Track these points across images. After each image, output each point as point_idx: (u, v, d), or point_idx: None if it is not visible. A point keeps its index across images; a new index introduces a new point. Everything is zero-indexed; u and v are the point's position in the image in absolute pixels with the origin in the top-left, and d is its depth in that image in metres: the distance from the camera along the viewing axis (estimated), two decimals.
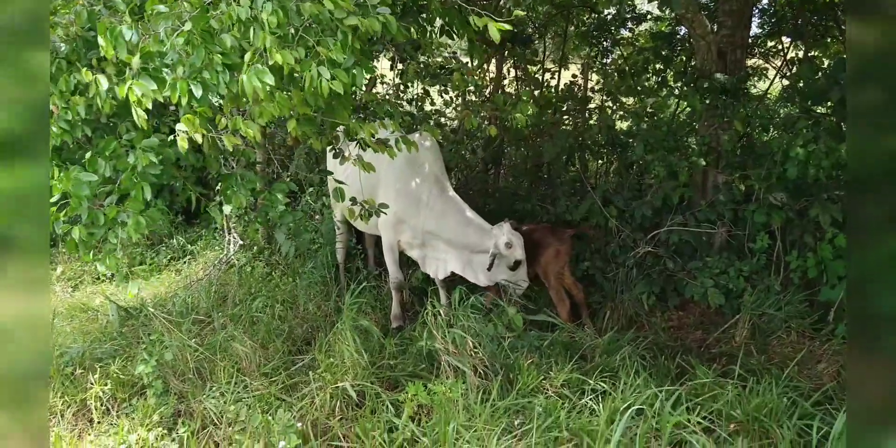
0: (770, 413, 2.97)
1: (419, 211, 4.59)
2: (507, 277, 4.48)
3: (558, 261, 4.55)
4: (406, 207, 4.58)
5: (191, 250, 6.76)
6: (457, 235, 4.51)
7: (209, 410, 3.62)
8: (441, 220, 4.55)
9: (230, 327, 4.45)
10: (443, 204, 4.57)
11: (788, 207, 4.67)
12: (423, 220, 4.59)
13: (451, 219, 4.54)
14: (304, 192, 6.95)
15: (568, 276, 4.66)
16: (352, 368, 3.71)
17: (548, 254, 4.57)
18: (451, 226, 4.53)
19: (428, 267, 4.78)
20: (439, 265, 4.71)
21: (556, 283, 4.60)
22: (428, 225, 4.59)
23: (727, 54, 5.35)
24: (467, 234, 4.48)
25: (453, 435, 3.02)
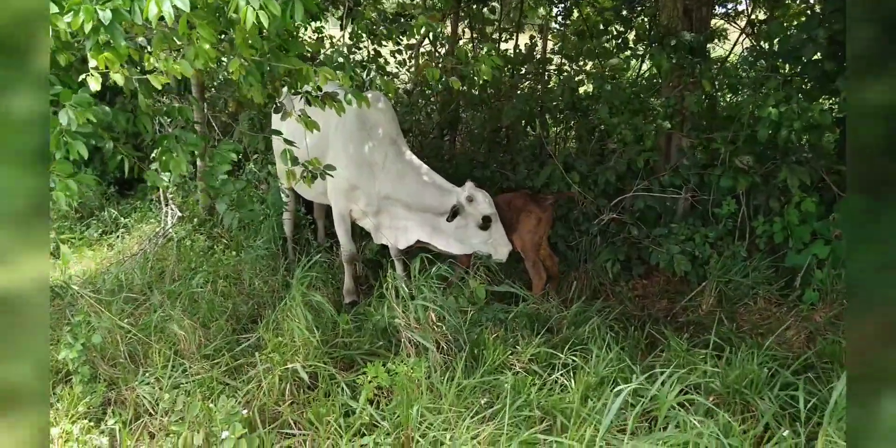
0: (750, 384, 2.81)
1: (375, 175, 4.25)
2: (482, 240, 4.11)
3: (539, 230, 4.26)
4: (360, 172, 4.23)
5: (124, 224, 6.28)
6: (416, 198, 4.18)
7: (143, 398, 3.27)
8: (399, 182, 4.21)
9: (167, 306, 4.07)
10: (400, 166, 4.23)
11: (755, 171, 4.53)
12: (380, 185, 4.25)
13: (409, 180, 4.20)
14: (249, 161, 6.54)
15: (545, 246, 4.41)
16: (303, 348, 3.40)
17: (528, 222, 4.24)
18: (410, 188, 4.18)
19: (384, 237, 4.44)
20: (399, 234, 4.38)
21: (534, 254, 4.30)
22: (385, 189, 4.25)
23: (693, 12, 5.15)
24: (427, 196, 4.14)
25: (417, 418, 2.76)
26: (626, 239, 4.79)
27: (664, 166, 5.12)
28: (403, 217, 4.31)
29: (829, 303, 3.84)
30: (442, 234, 4.21)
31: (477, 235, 4.10)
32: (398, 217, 4.32)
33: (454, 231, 4.13)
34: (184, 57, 2.56)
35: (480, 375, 3.07)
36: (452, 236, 4.17)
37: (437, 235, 4.23)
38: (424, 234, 4.26)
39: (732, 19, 6.53)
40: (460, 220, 4.07)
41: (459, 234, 4.13)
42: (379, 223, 4.38)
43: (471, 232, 4.10)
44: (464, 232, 4.11)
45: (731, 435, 2.40)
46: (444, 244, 4.22)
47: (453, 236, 4.16)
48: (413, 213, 4.25)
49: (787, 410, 2.73)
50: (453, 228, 4.11)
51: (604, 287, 4.55)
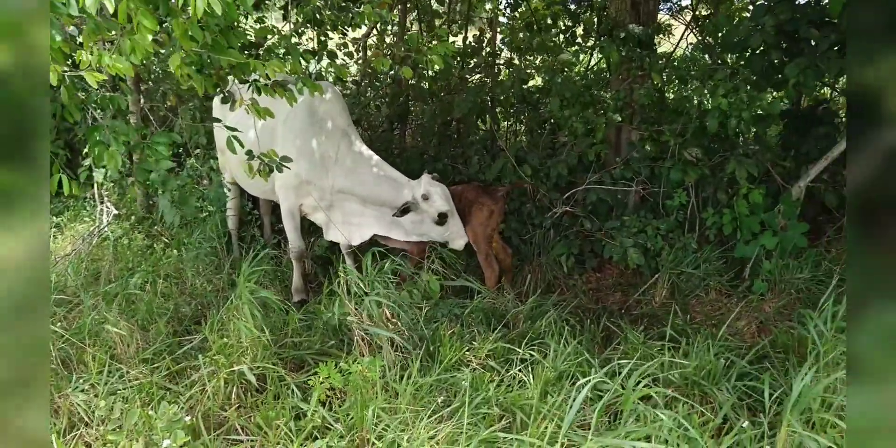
0: (708, 375, 2.80)
1: (327, 169, 4.09)
2: (439, 234, 4.04)
3: (491, 222, 4.20)
4: (310, 166, 4.07)
5: (56, 223, 5.94)
6: (372, 192, 4.06)
7: (77, 406, 3.06)
8: (353, 175, 4.07)
9: (102, 308, 3.84)
10: (353, 158, 4.09)
11: (703, 164, 4.57)
12: (333, 179, 4.10)
13: (363, 173, 4.07)
14: (190, 156, 6.28)
15: (497, 238, 4.35)
16: (250, 349, 3.24)
17: (480, 215, 4.18)
18: (364, 181, 4.06)
19: (336, 233, 4.29)
20: (353, 230, 4.24)
21: (486, 247, 4.24)
22: (339, 183, 4.10)
23: (640, 5, 5.16)
24: (383, 189, 4.03)
25: (373, 419, 2.65)
26: (579, 232, 4.77)
27: (614, 159, 5.13)
28: (359, 213, 4.18)
29: (777, 293, 3.89)
30: (400, 227, 4.12)
31: (433, 230, 4.04)
32: (353, 213, 4.19)
33: (411, 226, 4.05)
34: (118, 51, 2.38)
35: (437, 373, 2.97)
36: (413, 233, 4.10)
37: (396, 228, 4.13)
38: (382, 228, 4.15)
39: (678, 14, 6.60)
40: (415, 216, 3.99)
41: (416, 228, 4.06)
42: (331, 219, 4.24)
43: (427, 227, 4.04)
44: (420, 226, 4.04)
45: (691, 426, 2.37)
46: (404, 236, 4.14)
47: (413, 232, 4.09)
48: (369, 208, 4.14)
49: (745, 401, 2.74)
50: (409, 223, 4.03)
51: (558, 280, 4.52)
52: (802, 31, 4.23)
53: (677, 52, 6.55)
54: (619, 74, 5.15)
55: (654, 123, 4.98)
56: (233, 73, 2.92)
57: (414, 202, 3.92)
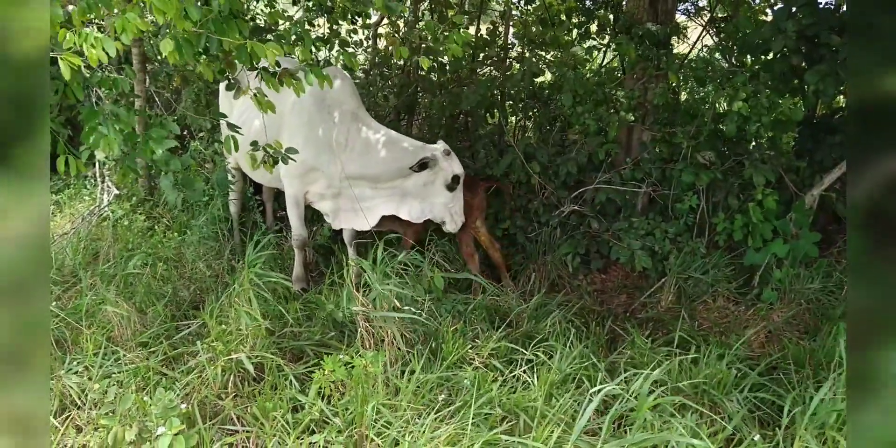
0: (718, 385, 2.74)
1: (336, 156, 4.01)
2: (444, 202, 3.96)
3: (471, 215, 4.16)
4: (318, 154, 3.98)
5: (56, 200, 5.86)
6: (387, 167, 3.94)
7: (70, 388, 3.00)
8: (367, 158, 3.97)
9: (100, 289, 3.77)
10: (365, 140, 4.00)
11: (716, 167, 4.50)
12: (345, 166, 4.00)
13: (378, 151, 3.96)
14: (194, 138, 6.20)
15: (484, 232, 4.29)
16: (250, 337, 3.17)
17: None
18: (379, 158, 3.95)
19: (344, 221, 4.20)
20: (363, 215, 4.14)
21: (464, 235, 4.24)
22: (350, 168, 4.00)
23: (658, 3, 5.08)
24: (400, 158, 3.92)
25: (373, 415, 2.59)
26: (586, 232, 4.71)
27: (624, 159, 5.06)
28: (369, 196, 4.09)
29: (787, 302, 3.83)
30: (408, 200, 4.05)
31: (441, 195, 3.95)
32: (363, 198, 4.10)
33: (421, 189, 3.95)
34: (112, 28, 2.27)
35: (441, 370, 2.91)
36: (418, 197, 4.01)
37: (404, 204, 4.06)
38: (391, 207, 4.08)
39: (696, 15, 6.51)
40: (429, 176, 3.90)
41: (425, 191, 3.96)
42: (338, 207, 4.16)
43: (437, 190, 3.94)
44: (430, 190, 3.94)
45: (698, 437, 2.31)
46: (408, 211, 4.06)
47: (419, 197, 4.01)
48: (380, 190, 4.05)
49: (755, 413, 2.68)
50: (421, 185, 3.93)
51: (562, 280, 4.45)
52: (823, 37, 4.16)
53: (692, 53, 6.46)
54: (634, 73, 5.07)
55: (666, 124, 4.91)
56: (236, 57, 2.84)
57: (433, 158, 3.83)
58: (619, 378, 2.57)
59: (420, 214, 4.05)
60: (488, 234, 4.35)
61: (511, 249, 4.65)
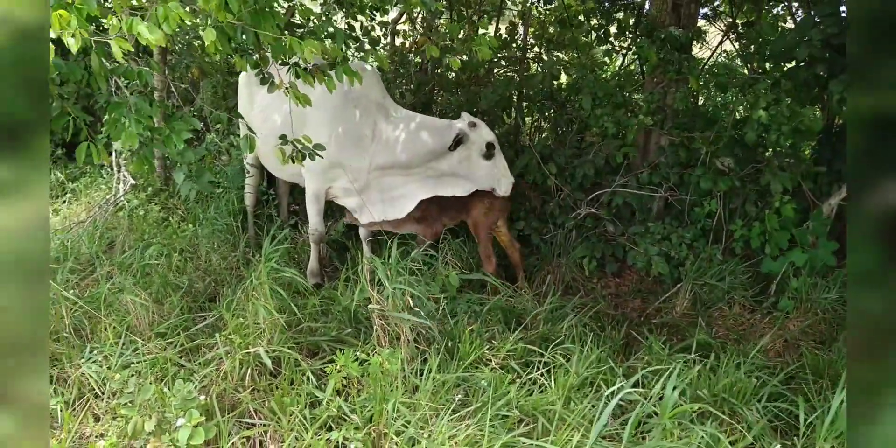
0: (738, 393, 2.73)
1: (364, 149, 3.99)
2: (487, 172, 3.94)
3: (490, 215, 4.16)
4: (343, 149, 3.98)
5: (72, 188, 5.88)
6: (417, 151, 3.94)
7: (89, 377, 3.01)
8: (395, 147, 3.97)
9: (118, 277, 3.79)
10: (392, 130, 3.99)
11: (734, 173, 4.48)
12: (373, 158, 4.00)
13: (406, 138, 3.95)
14: (210, 130, 6.21)
15: (505, 232, 4.29)
16: (268, 330, 3.18)
17: (481, 206, 4.17)
18: (408, 144, 3.95)
19: (373, 213, 4.17)
20: (395, 204, 4.13)
21: (485, 237, 4.23)
22: (379, 160, 4.00)
23: (681, 7, 5.06)
24: (428, 140, 3.92)
25: (393, 413, 2.59)
26: (601, 235, 4.70)
27: (642, 163, 5.05)
28: (400, 184, 4.09)
29: (803, 312, 3.82)
30: (446, 179, 4.04)
31: (481, 166, 3.93)
32: (394, 187, 4.10)
33: (458, 166, 3.94)
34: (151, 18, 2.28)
35: (459, 370, 2.91)
36: (457, 175, 3.99)
37: (441, 184, 4.06)
38: (428, 190, 4.07)
39: (717, 18, 6.48)
40: (463, 152, 3.90)
41: (464, 168, 3.94)
42: (366, 200, 4.14)
43: (475, 163, 3.92)
44: (468, 165, 3.92)
45: (719, 445, 2.31)
46: (451, 189, 4.05)
47: (458, 174, 3.99)
48: (412, 175, 4.05)
49: (773, 423, 2.67)
50: (457, 163, 3.92)
51: (577, 283, 4.45)
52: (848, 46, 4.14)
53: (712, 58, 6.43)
54: (654, 77, 5.06)
55: (685, 129, 4.89)
56: (270, 53, 2.84)
57: (464, 133, 3.83)
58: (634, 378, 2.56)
59: (465, 189, 4.03)
60: (509, 235, 4.35)
61: (525, 251, 4.65)
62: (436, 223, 4.26)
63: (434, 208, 4.20)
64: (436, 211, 4.23)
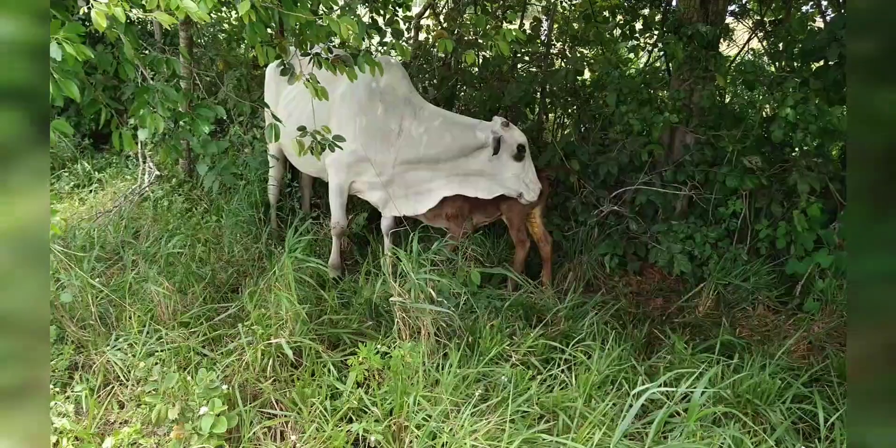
0: (762, 394, 2.71)
1: (390, 144, 3.99)
2: (515, 174, 3.89)
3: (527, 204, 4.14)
4: (369, 143, 3.98)
5: (98, 178, 5.96)
6: (446, 147, 3.92)
7: (114, 364, 3.06)
8: (423, 142, 3.95)
9: (143, 267, 3.83)
10: (420, 124, 3.97)
11: (762, 172, 4.42)
12: (397, 152, 4.00)
13: (435, 134, 3.93)
14: (233, 122, 6.25)
15: (539, 223, 4.26)
16: (290, 322, 3.20)
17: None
18: (436, 141, 3.92)
19: (398, 207, 4.17)
20: (419, 199, 4.12)
21: (519, 222, 4.19)
22: (407, 154, 3.98)
23: (710, 4, 5.00)
24: (456, 139, 3.90)
25: (414, 407, 2.60)
26: (624, 233, 4.67)
27: (666, 161, 5.00)
28: (427, 179, 4.07)
29: (829, 313, 3.76)
30: (472, 178, 4.00)
31: (510, 167, 3.88)
32: (420, 181, 4.09)
33: (487, 165, 3.90)
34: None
35: (480, 365, 2.91)
36: (484, 175, 3.95)
37: (467, 182, 4.02)
38: (453, 187, 4.04)
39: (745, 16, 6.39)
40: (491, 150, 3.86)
41: (492, 167, 3.90)
42: (391, 194, 4.14)
43: (504, 164, 3.88)
44: (497, 165, 3.88)
45: (742, 447, 2.29)
46: (475, 189, 4.02)
47: (486, 175, 3.95)
48: (439, 171, 4.02)
49: (798, 424, 2.65)
50: (486, 161, 3.89)
51: (598, 280, 4.42)
52: None
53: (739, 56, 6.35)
54: (681, 74, 5.01)
55: (711, 127, 4.84)
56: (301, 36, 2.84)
57: (497, 134, 3.80)
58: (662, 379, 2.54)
59: (490, 191, 3.99)
60: (543, 226, 4.32)
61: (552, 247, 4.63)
62: (465, 222, 4.24)
63: (466, 206, 4.19)
64: (468, 208, 4.21)
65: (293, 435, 2.69)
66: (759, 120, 4.49)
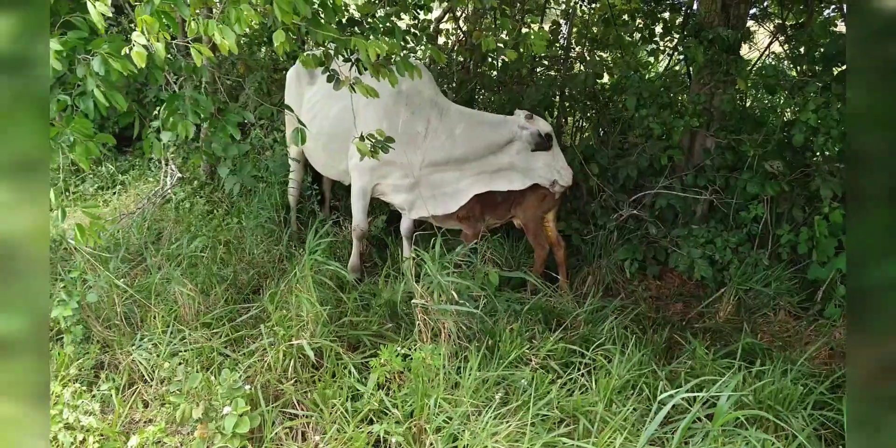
0: (784, 401, 2.69)
1: (417, 147, 4.01)
2: (546, 163, 3.93)
3: (543, 205, 4.14)
4: (396, 146, 4.00)
5: (121, 180, 6.04)
6: (473, 146, 3.96)
7: (139, 364, 3.10)
8: (451, 143, 3.98)
9: (166, 268, 3.88)
10: (447, 126, 4.01)
11: (784, 177, 4.39)
12: (426, 155, 4.02)
13: (462, 134, 3.97)
14: (254, 126, 6.31)
15: (552, 228, 4.27)
16: (311, 323, 3.23)
17: (533, 196, 4.13)
18: (464, 141, 3.97)
19: (424, 209, 4.17)
20: (447, 200, 4.13)
21: (535, 227, 4.21)
22: (435, 156, 4.01)
23: (731, 7, 4.98)
24: (484, 137, 3.95)
25: (435, 409, 2.61)
26: (643, 237, 4.65)
27: (687, 165, 4.98)
28: (454, 180, 4.10)
29: None
30: (502, 172, 4.04)
31: (540, 157, 3.92)
32: (447, 182, 4.11)
33: (517, 158, 3.94)
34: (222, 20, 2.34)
35: (500, 368, 2.92)
36: (515, 168, 3.99)
37: (498, 178, 4.05)
38: (482, 185, 4.07)
39: (767, 19, 6.35)
40: (520, 144, 3.90)
41: (522, 160, 3.94)
42: (416, 197, 4.15)
43: (533, 155, 3.92)
44: (526, 156, 3.92)
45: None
46: (507, 183, 4.05)
47: (516, 167, 3.98)
48: (467, 171, 4.05)
49: (820, 431, 2.63)
50: (515, 154, 3.93)
51: (617, 285, 4.41)
52: None
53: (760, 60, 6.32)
54: (701, 78, 4.99)
55: (732, 131, 4.82)
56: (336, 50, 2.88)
57: (526, 128, 3.85)
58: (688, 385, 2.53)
59: (524, 182, 4.02)
60: (556, 230, 4.33)
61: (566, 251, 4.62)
62: (478, 223, 4.26)
63: (478, 207, 4.20)
64: (479, 210, 4.23)
65: (315, 435, 2.71)
66: (780, 124, 4.46)
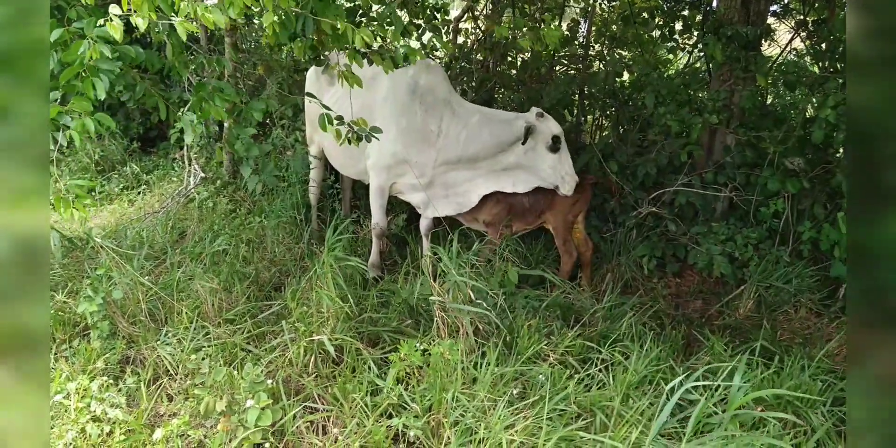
0: (803, 398, 2.68)
1: (431, 145, 4.05)
2: (551, 165, 3.93)
3: (574, 209, 4.14)
4: (410, 145, 4.04)
5: (146, 180, 6.16)
6: (485, 143, 3.98)
7: (163, 359, 3.17)
8: (464, 141, 4.01)
9: (190, 265, 3.96)
10: (459, 123, 4.04)
11: (804, 174, 4.36)
12: (440, 153, 4.06)
13: (474, 132, 4.00)
14: (276, 125, 6.39)
15: (581, 229, 4.27)
16: (331, 319, 3.28)
17: (565, 201, 4.11)
18: (476, 139, 3.99)
19: (438, 208, 4.21)
20: (459, 199, 4.18)
21: (564, 232, 4.21)
22: (448, 154, 4.05)
23: (751, 4, 4.95)
24: (496, 134, 3.95)
25: (453, 403, 2.64)
26: (662, 234, 4.64)
27: (707, 162, 4.96)
28: (467, 179, 4.13)
29: None
30: (510, 171, 4.05)
31: (546, 159, 3.93)
32: (459, 181, 4.15)
33: (524, 157, 3.95)
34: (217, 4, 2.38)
35: (518, 364, 2.94)
36: (521, 167, 4.01)
37: (506, 176, 4.07)
38: (492, 184, 4.10)
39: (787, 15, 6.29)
40: (529, 142, 3.90)
41: (529, 159, 3.95)
42: (432, 195, 4.19)
43: (540, 155, 3.93)
44: (533, 155, 3.93)
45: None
46: (513, 183, 4.07)
47: (522, 167, 4.00)
48: (479, 169, 4.09)
49: (839, 427, 2.61)
50: (522, 154, 3.94)
51: (636, 282, 4.41)
52: None
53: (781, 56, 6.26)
54: (721, 75, 4.96)
55: (752, 128, 4.78)
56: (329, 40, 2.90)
57: (532, 124, 3.86)
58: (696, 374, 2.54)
59: (528, 183, 4.04)
60: (584, 232, 4.32)
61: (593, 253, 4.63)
62: (504, 229, 4.27)
63: (504, 213, 4.22)
64: (506, 216, 4.24)
65: (335, 429, 2.75)
66: (800, 121, 4.43)
